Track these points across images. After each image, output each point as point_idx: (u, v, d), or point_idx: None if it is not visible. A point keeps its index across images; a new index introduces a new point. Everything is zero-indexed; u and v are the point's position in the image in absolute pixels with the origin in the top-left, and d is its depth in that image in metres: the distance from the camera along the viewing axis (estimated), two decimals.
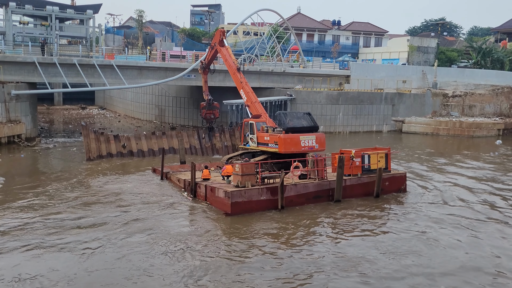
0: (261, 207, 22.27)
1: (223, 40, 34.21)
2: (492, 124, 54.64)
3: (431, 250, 18.01)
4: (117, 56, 48.67)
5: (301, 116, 27.58)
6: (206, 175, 25.27)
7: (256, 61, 54.50)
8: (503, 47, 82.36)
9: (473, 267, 16.62)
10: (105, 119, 64.46)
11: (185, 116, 58.31)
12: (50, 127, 55.18)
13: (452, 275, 15.93)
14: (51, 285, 14.46)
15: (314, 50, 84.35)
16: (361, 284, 15.12)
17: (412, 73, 62.50)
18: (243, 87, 30.91)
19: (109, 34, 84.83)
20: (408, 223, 21.15)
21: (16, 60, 41.24)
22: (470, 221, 21.72)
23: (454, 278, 15.71)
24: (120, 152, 35.55)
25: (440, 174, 31.95)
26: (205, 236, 19.03)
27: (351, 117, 53.91)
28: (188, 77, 47.38)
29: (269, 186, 22.70)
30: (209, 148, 38.78)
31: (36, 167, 33.29)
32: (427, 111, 57.84)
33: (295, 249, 17.87)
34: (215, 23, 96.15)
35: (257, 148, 27.62)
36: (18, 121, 39.70)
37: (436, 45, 77.68)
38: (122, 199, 24.06)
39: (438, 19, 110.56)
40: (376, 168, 25.16)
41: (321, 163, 24.43)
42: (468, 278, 15.71)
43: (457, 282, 15.45)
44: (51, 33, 54.76)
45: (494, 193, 26.91)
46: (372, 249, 17.90)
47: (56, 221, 20.35)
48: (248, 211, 21.97)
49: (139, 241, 18.14)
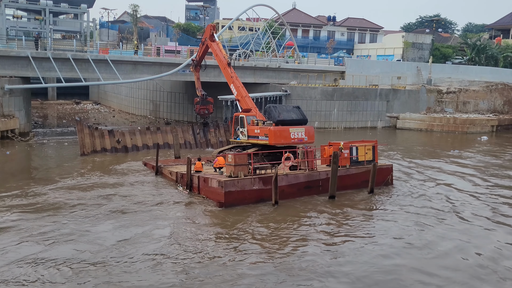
0: (254, 196, 22.61)
1: (213, 35, 34.30)
2: (486, 121, 54.91)
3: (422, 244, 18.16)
4: (111, 50, 48.44)
5: (290, 109, 27.86)
6: (199, 168, 25.37)
7: (251, 57, 54.42)
8: (497, 43, 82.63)
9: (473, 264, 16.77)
10: (99, 114, 64.23)
11: (179, 112, 58.18)
12: (44, 122, 54.92)
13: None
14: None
15: (309, 46, 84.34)
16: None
17: (406, 69, 62.65)
18: (233, 81, 31.05)
19: (104, 28, 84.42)
20: (399, 221, 21.30)
21: (10, 54, 40.96)
22: (450, 214, 21.95)
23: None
24: (115, 148, 35.47)
25: (428, 170, 32.14)
26: (200, 232, 19.05)
27: (346, 113, 54.01)
28: (183, 72, 47.27)
29: (262, 176, 23.07)
30: (204, 143, 38.83)
31: (29, 162, 33.18)
32: (421, 107, 58.04)
33: (286, 248, 17.90)
34: (210, 18, 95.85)
35: (248, 141, 27.83)
36: (11, 116, 39.49)
37: (431, 41, 77.86)
38: (115, 195, 23.98)
39: (433, 15, 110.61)
40: (364, 159, 26.01)
41: (311, 155, 24.93)
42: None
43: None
44: (45, 27, 54.52)
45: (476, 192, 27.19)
46: (363, 251, 17.98)
47: (48, 223, 20.29)
48: (241, 200, 22.25)
49: (131, 238, 18.11)
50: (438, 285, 14.93)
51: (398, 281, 15.16)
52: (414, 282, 15.11)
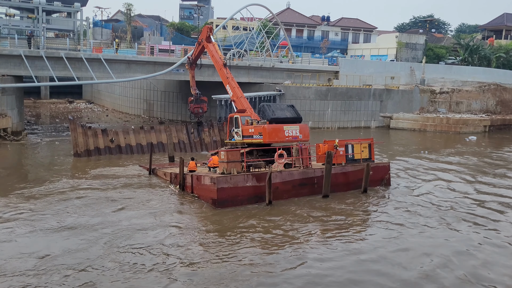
0: (247, 193, 22.49)
1: (210, 37, 34.35)
2: (478, 121, 55.25)
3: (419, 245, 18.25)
4: (105, 49, 48.22)
5: (284, 108, 27.83)
6: (193, 167, 25.31)
7: (245, 56, 54.39)
8: (490, 44, 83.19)
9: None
10: (92, 113, 63.97)
11: (173, 111, 58.07)
12: (36, 121, 54.61)
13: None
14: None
15: (303, 45, 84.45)
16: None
17: (400, 70, 62.89)
18: (229, 82, 31.01)
19: (97, 27, 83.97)
20: (394, 220, 21.39)
21: (2, 53, 40.69)
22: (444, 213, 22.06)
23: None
24: (108, 147, 35.34)
25: (420, 169, 32.34)
26: (190, 232, 19.03)
27: (340, 112, 54.15)
28: (177, 72, 47.17)
29: (255, 173, 22.94)
30: (198, 143, 38.72)
31: (21, 161, 32.99)
32: (415, 107, 58.29)
33: (282, 248, 17.94)
34: (204, 18, 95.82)
35: (243, 141, 27.79)
36: (4, 114, 39.22)
37: (424, 41, 78.22)
38: (108, 195, 23.95)
39: (426, 16, 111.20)
40: (360, 158, 25.86)
41: (306, 152, 24.90)
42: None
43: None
44: (37, 26, 54.19)
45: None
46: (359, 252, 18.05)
47: (41, 220, 20.21)
48: (234, 197, 22.14)
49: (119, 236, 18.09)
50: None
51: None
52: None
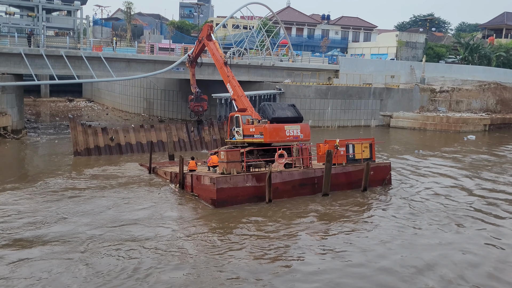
0: (247, 194, 22.45)
1: (210, 35, 34.27)
2: (478, 120, 55.25)
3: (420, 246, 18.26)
4: (105, 48, 48.22)
5: (285, 107, 27.76)
6: (193, 167, 25.28)
7: (245, 55, 54.37)
8: (490, 43, 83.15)
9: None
10: (92, 112, 63.95)
11: (173, 109, 58.07)
12: (36, 119, 54.59)
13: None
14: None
15: (304, 44, 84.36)
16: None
17: (400, 68, 62.88)
18: (229, 81, 30.94)
19: (97, 26, 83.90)
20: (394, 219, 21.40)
21: (2, 51, 40.66)
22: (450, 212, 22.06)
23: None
24: (108, 145, 35.33)
25: (419, 168, 32.33)
26: (189, 233, 18.99)
27: (340, 111, 54.14)
28: (177, 70, 47.15)
29: (255, 173, 22.87)
30: (198, 141, 38.71)
31: (22, 160, 32.99)
32: (415, 106, 58.28)
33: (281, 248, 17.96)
34: (204, 16, 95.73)
35: (243, 141, 27.73)
36: (4, 113, 39.24)
37: (424, 40, 78.16)
38: (108, 192, 23.99)
39: (426, 14, 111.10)
40: (361, 157, 25.76)
41: (306, 152, 24.83)
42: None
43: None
44: (37, 24, 54.21)
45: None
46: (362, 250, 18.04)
47: (37, 218, 20.21)
48: (233, 197, 22.11)
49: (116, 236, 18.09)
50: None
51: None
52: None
